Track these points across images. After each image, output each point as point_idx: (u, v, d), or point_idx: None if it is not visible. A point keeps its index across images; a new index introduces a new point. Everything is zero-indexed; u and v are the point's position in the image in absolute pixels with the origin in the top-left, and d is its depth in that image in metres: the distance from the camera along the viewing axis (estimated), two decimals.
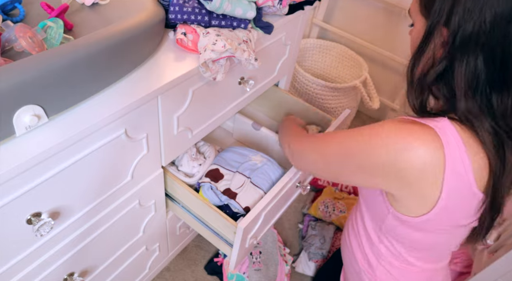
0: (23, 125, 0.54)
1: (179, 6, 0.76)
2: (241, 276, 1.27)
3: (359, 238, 0.87)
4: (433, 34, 0.60)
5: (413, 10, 0.66)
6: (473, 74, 0.58)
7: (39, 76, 0.52)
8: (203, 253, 1.40)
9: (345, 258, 0.96)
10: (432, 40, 0.61)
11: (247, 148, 1.08)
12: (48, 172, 0.59)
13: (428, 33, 0.61)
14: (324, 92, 1.69)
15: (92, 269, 0.88)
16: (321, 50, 1.98)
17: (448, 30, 0.58)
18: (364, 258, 0.86)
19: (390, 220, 0.73)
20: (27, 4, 0.74)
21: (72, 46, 0.57)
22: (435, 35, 0.60)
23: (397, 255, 0.79)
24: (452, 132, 0.60)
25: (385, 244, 0.79)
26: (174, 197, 0.99)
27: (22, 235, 0.63)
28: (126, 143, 0.72)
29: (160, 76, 0.71)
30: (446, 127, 0.60)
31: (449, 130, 0.60)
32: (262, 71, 1.06)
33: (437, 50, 0.61)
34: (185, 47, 0.77)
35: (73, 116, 0.60)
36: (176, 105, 0.80)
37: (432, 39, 0.61)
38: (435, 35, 0.60)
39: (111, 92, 0.66)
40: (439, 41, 0.60)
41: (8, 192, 0.55)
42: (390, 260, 0.80)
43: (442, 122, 0.61)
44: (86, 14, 0.76)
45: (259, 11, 0.87)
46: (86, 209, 0.73)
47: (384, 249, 0.80)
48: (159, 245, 1.11)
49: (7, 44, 0.62)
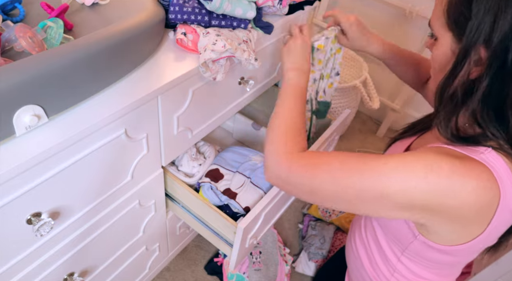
0: (23, 125, 0.54)
1: (179, 6, 0.76)
2: (241, 276, 1.27)
3: (369, 251, 0.82)
4: (470, 54, 0.54)
5: (437, 24, 0.59)
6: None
7: (39, 76, 0.52)
8: (203, 253, 1.40)
9: (351, 263, 0.93)
10: (468, 60, 0.55)
11: (247, 148, 1.09)
12: (48, 172, 0.59)
13: (464, 53, 0.55)
14: None
15: (92, 269, 0.88)
16: None
17: (487, 50, 0.53)
18: (373, 268, 0.82)
19: (416, 245, 0.67)
20: (27, 4, 0.74)
21: (72, 46, 0.57)
22: (472, 55, 0.54)
23: (417, 272, 0.75)
24: (502, 165, 0.55)
25: (405, 263, 0.74)
26: (174, 197, 0.99)
27: (22, 235, 0.63)
28: (126, 143, 0.72)
29: (160, 76, 0.71)
30: (494, 159, 0.55)
31: (498, 162, 0.55)
32: (262, 71, 1.06)
33: (472, 70, 0.55)
34: (185, 47, 0.77)
35: (73, 116, 0.60)
36: (176, 105, 0.80)
37: (468, 58, 0.55)
38: (472, 55, 0.54)
39: (111, 92, 0.66)
40: (474, 59, 0.54)
41: (8, 192, 0.55)
42: (406, 275, 0.76)
43: (488, 153, 0.56)
44: (86, 14, 0.76)
45: (259, 11, 0.87)
46: (86, 209, 0.73)
47: (402, 267, 0.75)
48: (159, 245, 1.11)
49: (7, 44, 0.62)
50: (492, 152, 0.56)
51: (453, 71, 0.57)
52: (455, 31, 0.56)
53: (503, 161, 0.56)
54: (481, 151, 0.56)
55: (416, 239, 0.66)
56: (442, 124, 0.60)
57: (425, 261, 0.70)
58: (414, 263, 0.73)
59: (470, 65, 0.55)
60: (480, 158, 0.55)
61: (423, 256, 0.69)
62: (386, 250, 0.76)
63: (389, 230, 0.74)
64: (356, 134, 2.02)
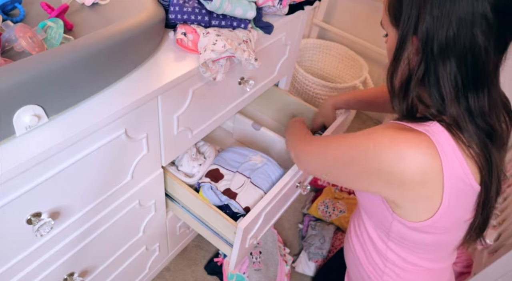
0: (23, 125, 0.54)
1: (179, 6, 0.76)
2: (241, 276, 1.27)
3: (364, 244, 0.86)
4: (405, 44, 0.62)
5: (385, 22, 0.68)
6: (450, 79, 0.59)
7: (39, 76, 0.52)
8: (203, 253, 1.40)
9: (349, 261, 0.95)
10: (405, 49, 0.62)
11: (247, 148, 1.08)
12: (48, 172, 0.59)
13: (400, 43, 0.62)
14: (324, 92, 1.69)
15: (92, 269, 0.88)
16: (321, 50, 1.98)
17: (417, 39, 0.60)
18: (369, 263, 0.86)
19: (396, 227, 0.73)
20: (27, 4, 0.74)
21: (72, 46, 0.57)
22: (407, 44, 0.62)
23: (405, 258, 0.79)
24: (444, 134, 0.61)
25: (393, 249, 0.79)
26: (174, 197, 0.99)
27: (22, 235, 0.63)
28: (126, 143, 0.72)
29: (160, 76, 0.71)
30: (437, 130, 0.61)
31: (440, 132, 0.61)
32: (262, 71, 1.06)
33: (412, 58, 0.62)
34: (185, 47, 0.77)
35: (73, 116, 0.60)
36: (176, 105, 0.80)
37: (405, 48, 0.62)
38: (407, 44, 0.62)
39: (111, 92, 0.66)
40: (412, 49, 0.62)
41: (8, 192, 0.55)
42: (397, 263, 0.80)
43: (433, 125, 0.62)
44: (86, 14, 0.76)
45: (259, 11, 0.87)
46: (86, 209, 0.73)
47: (391, 254, 0.80)
48: (159, 245, 1.11)
49: (7, 44, 0.62)
50: (437, 124, 0.62)
51: (394, 59, 0.65)
52: (396, 25, 0.64)
53: (446, 130, 0.61)
54: (427, 124, 0.62)
55: (394, 219, 0.72)
56: (397, 107, 0.68)
57: (408, 243, 0.75)
58: (400, 247, 0.78)
59: (409, 54, 0.62)
60: (424, 129, 0.61)
61: (405, 238, 0.74)
62: (375, 238, 0.82)
63: (372, 213, 0.80)
64: None
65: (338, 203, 1.52)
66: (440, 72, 0.60)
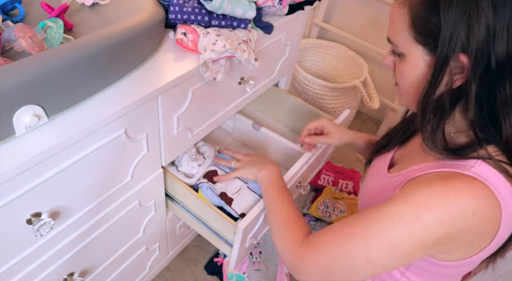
0: (23, 125, 0.54)
1: (179, 6, 0.76)
2: (241, 276, 1.27)
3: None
4: (448, 64, 0.52)
5: (402, 39, 0.57)
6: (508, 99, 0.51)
7: (39, 76, 0.52)
8: (203, 253, 1.40)
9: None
10: (448, 70, 0.53)
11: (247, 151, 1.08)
12: (48, 172, 0.59)
13: (442, 63, 0.53)
14: (324, 92, 1.69)
15: (92, 269, 0.88)
16: (321, 50, 1.97)
17: (468, 57, 0.51)
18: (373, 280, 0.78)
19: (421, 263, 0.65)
20: (27, 4, 0.74)
21: (72, 46, 0.57)
22: (450, 64, 0.53)
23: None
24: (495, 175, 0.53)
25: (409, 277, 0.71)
26: (174, 197, 0.99)
27: (22, 235, 0.63)
28: (126, 143, 0.72)
29: (160, 76, 0.71)
30: (486, 171, 0.53)
31: (491, 173, 0.53)
32: (262, 71, 1.06)
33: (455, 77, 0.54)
34: (185, 47, 0.77)
35: (73, 116, 0.60)
36: (176, 105, 0.79)
37: (448, 68, 0.53)
38: (450, 64, 0.53)
39: (111, 92, 0.66)
40: (455, 67, 0.53)
41: (8, 192, 0.55)
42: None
43: (478, 166, 0.54)
44: (86, 14, 0.76)
45: (259, 11, 0.87)
46: (86, 209, 0.73)
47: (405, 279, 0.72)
48: (159, 245, 1.11)
49: (7, 44, 0.62)
50: (483, 164, 0.54)
51: (433, 83, 0.55)
52: (427, 44, 0.54)
53: (496, 171, 0.54)
54: (471, 165, 0.54)
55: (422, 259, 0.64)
56: (429, 138, 0.58)
57: (431, 274, 0.68)
58: (419, 276, 0.70)
59: (451, 74, 0.53)
60: (473, 172, 0.53)
61: (429, 271, 0.67)
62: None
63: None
64: None
65: (338, 203, 1.52)
66: (498, 93, 0.51)
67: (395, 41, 0.59)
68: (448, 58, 0.52)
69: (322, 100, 1.72)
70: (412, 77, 0.58)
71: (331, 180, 1.62)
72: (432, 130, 0.57)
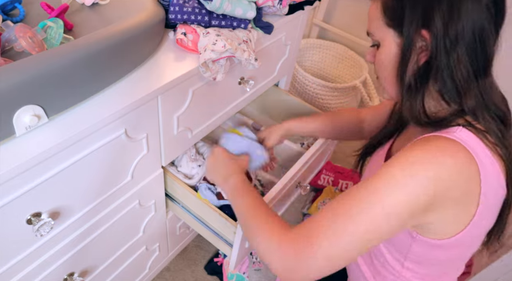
0: (23, 125, 0.54)
1: (179, 6, 0.76)
2: (241, 276, 1.27)
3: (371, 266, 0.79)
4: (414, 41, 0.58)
5: (376, 28, 0.62)
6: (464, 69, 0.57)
7: (39, 76, 0.52)
8: (203, 253, 1.40)
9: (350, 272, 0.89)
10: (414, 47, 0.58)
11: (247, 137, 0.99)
12: (48, 172, 0.59)
13: (409, 41, 0.58)
14: (324, 92, 1.69)
15: (92, 269, 0.88)
16: (321, 50, 1.98)
17: (430, 32, 0.56)
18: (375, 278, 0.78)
19: (416, 248, 0.66)
20: (27, 4, 0.74)
21: (72, 46, 0.57)
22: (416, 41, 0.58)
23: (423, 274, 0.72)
24: (473, 139, 0.57)
25: (410, 268, 0.71)
26: (174, 197, 0.99)
27: (22, 235, 0.63)
28: (126, 143, 0.72)
29: (160, 76, 0.71)
30: (466, 136, 0.57)
31: (470, 138, 0.57)
32: (262, 71, 1.06)
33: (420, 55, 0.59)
34: (185, 47, 0.77)
35: (73, 116, 0.60)
36: (176, 105, 0.79)
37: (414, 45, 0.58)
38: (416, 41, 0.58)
39: (111, 92, 0.66)
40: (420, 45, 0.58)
41: (8, 192, 0.55)
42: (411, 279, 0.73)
43: (460, 131, 0.58)
44: (86, 14, 0.76)
45: (259, 11, 0.87)
46: (86, 209, 0.73)
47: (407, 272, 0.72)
48: (159, 245, 1.11)
49: (7, 44, 0.62)
50: (463, 130, 0.58)
51: (402, 62, 0.60)
52: (396, 25, 0.59)
53: (475, 136, 0.58)
54: (453, 130, 0.58)
55: (414, 240, 0.64)
56: (409, 113, 0.63)
57: (432, 262, 0.69)
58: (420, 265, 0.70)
59: (416, 52, 0.58)
60: (454, 136, 0.57)
61: (428, 257, 0.67)
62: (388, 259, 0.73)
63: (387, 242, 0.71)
64: None
65: None
66: (453, 64, 0.57)
67: (371, 31, 0.64)
68: (412, 35, 0.57)
69: (322, 100, 1.72)
70: (387, 62, 0.63)
71: (331, 180, 1.62)
72: (410, 105, 0.62)
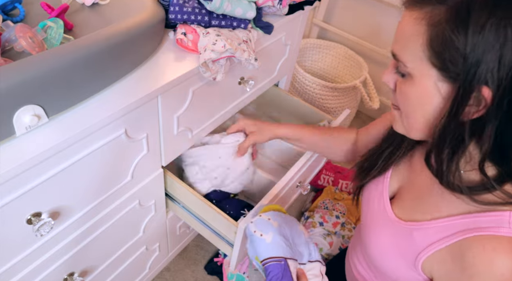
0: (23, 125, 0.54)
1: (179, 6, 0.76)
2: (241, 276, 1.27)
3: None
4: (471, 95, 0.46)
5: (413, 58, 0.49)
6: None
7: (39, 76, 0.52)
8: (203, 253, 1.40)
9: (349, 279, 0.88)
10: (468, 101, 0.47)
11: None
12: (48, 172, 0.59)
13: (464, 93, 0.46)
14: (324, 92, 1.70)
15: (92, 269, 0.88)
16: (321, 50, 1.97)
17: (491, 90, 0.45)
18: None
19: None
20: (27, 4, 0.74)
21: (72, 46, 0.57)
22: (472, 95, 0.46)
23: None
24: None
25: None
26: (174, 197, 0.99)
27: (22, 235, 0.63)
28: (126, 143, 0.72)
29: (160, 76, 0.71)
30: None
31: None
32: (262, 71, 1.06)
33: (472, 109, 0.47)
34: (185, 47, 0.77)
35: (73, 116, 0.60)
36: (176, 105, 0.80)
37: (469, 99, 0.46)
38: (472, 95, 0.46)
39: (111, 92, 0.66)
40: (474, 101, 0.47)
41: (8, 192, 0.55)
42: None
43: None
44: (86, 14, 0.76)
45: (259, 11, 0.87)
46: (86, 209, 0.73)
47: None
48: (159, 245, 1.11)
49: (7, 44, 0.62)
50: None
51: (455, 112, 0.48)
52: (445, 69, 0.47)
53: None
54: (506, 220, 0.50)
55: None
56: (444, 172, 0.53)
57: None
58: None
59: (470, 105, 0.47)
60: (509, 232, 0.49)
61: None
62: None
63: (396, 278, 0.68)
64: None
65: (338, 205, 1.52)
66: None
67: (403, 59, 0.51)
68: (473, 90, 0.45)
69: (322, 100, 1.72)
70: (419, 103, 0.51)
71: (331, 180, 1.62)
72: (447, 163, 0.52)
